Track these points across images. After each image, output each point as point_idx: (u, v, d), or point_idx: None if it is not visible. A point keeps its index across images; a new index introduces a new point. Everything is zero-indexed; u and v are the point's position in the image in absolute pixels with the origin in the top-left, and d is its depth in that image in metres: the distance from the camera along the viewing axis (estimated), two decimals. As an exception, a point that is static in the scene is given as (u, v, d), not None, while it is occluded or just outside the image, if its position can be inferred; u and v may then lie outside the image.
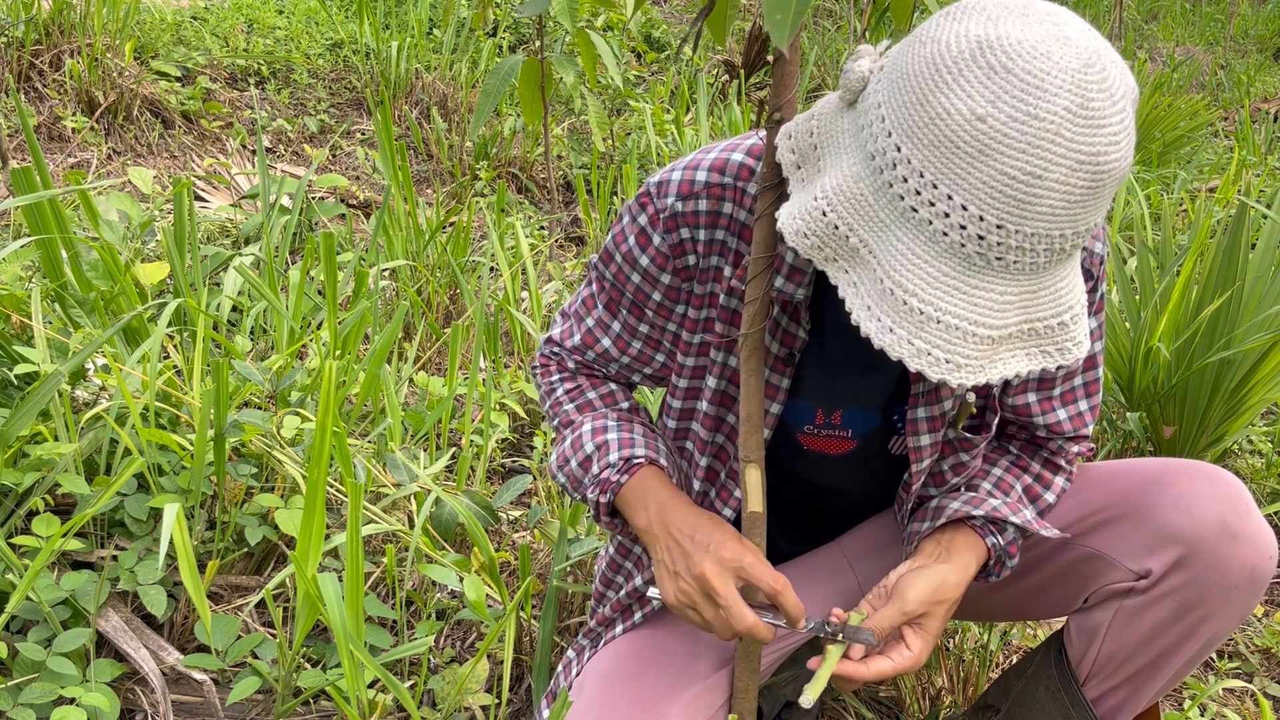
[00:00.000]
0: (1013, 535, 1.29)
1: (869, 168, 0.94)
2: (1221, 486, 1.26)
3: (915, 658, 1.20)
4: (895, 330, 0.93)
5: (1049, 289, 0.95)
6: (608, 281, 1.32)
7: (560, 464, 1.34)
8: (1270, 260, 2.40)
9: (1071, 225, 0.92)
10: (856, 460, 1.36)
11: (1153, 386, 2.42)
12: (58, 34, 3.99)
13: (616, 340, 1.35)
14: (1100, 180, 0.90)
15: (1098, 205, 0.93)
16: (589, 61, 3.08)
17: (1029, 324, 0.96)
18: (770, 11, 0.88)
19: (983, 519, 1.28)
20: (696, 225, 1.22)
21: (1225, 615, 1.27)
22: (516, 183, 4.16)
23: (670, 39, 5.68)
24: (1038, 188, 0.89)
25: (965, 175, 0.89)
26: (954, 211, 0.90)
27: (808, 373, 1.28)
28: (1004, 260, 0.91)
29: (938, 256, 0.92)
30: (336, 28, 5.06)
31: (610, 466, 1.27)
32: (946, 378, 0.93)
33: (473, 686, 1.63)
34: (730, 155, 1.21)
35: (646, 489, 1.25)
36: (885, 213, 0.94)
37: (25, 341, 1.94)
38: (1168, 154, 5.12)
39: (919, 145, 0.90)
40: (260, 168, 2.91)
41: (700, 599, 1.17)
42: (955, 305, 0.92)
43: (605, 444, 1.30)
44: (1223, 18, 9.19)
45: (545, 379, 1.42)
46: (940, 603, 1.22)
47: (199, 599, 1.50)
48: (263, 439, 1.85)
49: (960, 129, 0.89)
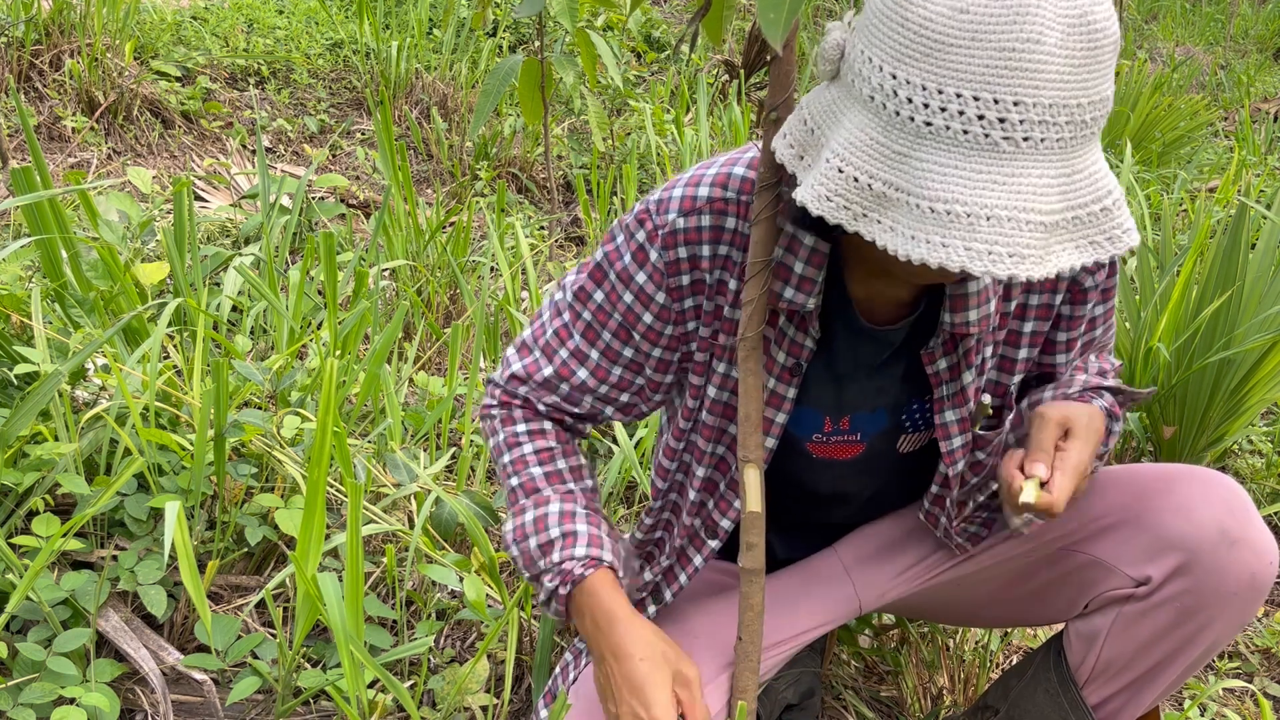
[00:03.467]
0: (1111, 400, 1.29)
1: (870, 109, 0.95)
2: (1221, 493, 1.26)
3: (1074, 458, 1.16)
4: (949, 243, 0.92)
5: (1083, 173, 0.96)
6: (593, 304, 1.28)
7: (517, 537, 1.30)
8: (1270, 260, 2.40)
9: (1084, 92, 0.93)
10: (865, 463, 1.36)
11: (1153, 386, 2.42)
12: (58, 34, 3.99)
13: (595, 370, 1.29)
14: (1096, 40, 0.92)
15: (1102, 71, 0.94)
16: (589, 61, 3.08)
17: (1072, 212, 0.95)
18: (764, 11, 0.88)
19: (1079, 390, 1.28)
20: (699, 242, 1.20)
21: (1225, 622, 1.26)
22: (516, 183, 4.16)
23: (670, 39, 5.68)
24: (1038, 53, 0.90)
25: (966, 66, 0.91)
26: (967, 106, 0.91)
27: (814, 381, 1.27)
28: (1031, 139, 0.92)
29: (966, 157, 0.92)
30: (336, 28, 5.06)
31: (575, 560, 1.25)
32: (1014, 271, 0.92)
33: (472, 686, 1.63)
34: (732, 170, 1.20)
35: (598, 596, 1.23)
36: (901, 143, 0.94)
37: (25, 341, 1.94)
38: (1168, 154, 5.12)
39: (913, 61, 0.92)
40: (260, 168, 2.91)
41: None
42: (999, 197, 0.92)
43: (573, 534, 1.27)
44: (1223, 18, 9.18)
45: (508, 428, 1.34)
46: (1077, 423, 1.18)
47: (199, 599, 1.50)
48: (263, 439, 1.85)
49: (946, 27, 0.91)
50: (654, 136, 3.86)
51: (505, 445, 1.34)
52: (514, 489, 1.33)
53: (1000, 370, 1.29)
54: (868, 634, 1.84)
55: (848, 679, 1.81)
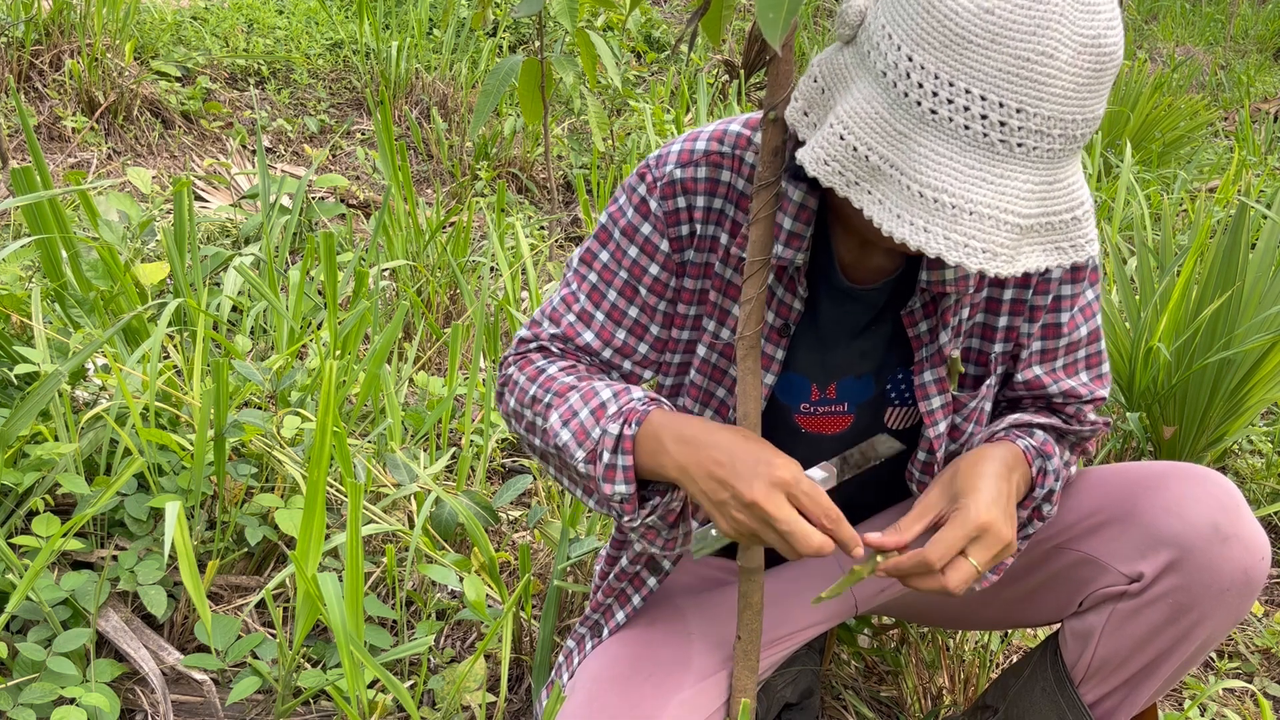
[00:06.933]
0: (1043, 436, 1.29)
1: (881, 85, 0.99)
2: (1212, 489, 1.26)
3: (967, 515, 1.11)
4: (930, 229, 0.97)
5: (1062, 183, 1.01)
6: (599, 264, 1.28)
7: (565, 418, 1.20)
8: (1270, 260, 2.40)
9: (1080, 110, 0.97)
10: (854, 440, 1.36)
11: (1153, 386, 2.42)
12: (58, 34, 3.99)
13: (600, 330, 1.28)
14: (1103, 64, 0.97)
15: (1101, 92, 0.99)
16: (589, 61, 3.08)
17: (1046, 218, 1.00)
18: (763, 10, 0.89)
19: (1005, 428, 1.29)
20: (695, 192, 1.23)
21: (1219, 618, 1.26)
22: (516, 183, 4.16)
23: (670, 39, 5.68)
24: (1049, 67, 0.94)
25: (980, 65, 0.95)
26: (974, 104, 0.95)
27: (801, 344, 1.29)
28: (1024, 146, 0.97)
29: (962, 151, 0.97)
30: (336, 28, 5.06)
31: (634, 400, 1.17)
32: (984, 266, 0.97)
33: (471, 685, 1.63)
34: (728, 126, 1.24)
35: (671, 424, 1.14)
36: (904, 123, 0.98)
37: (25, 341, 1.94)
38: (1168, 154, 5.12)
39: (931, 49, 0.96)
40: (260, 168, 2.91)
41: (759, 526, 1.08)
42: (985, 195, 0.97)
43: (626, 390, 1.19)
44: (1223, 18, 9.18)
45: (526, 366, 1.29)
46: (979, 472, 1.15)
47: (199, 599, 1.50)
48: (263, 439, 1.85)
49: (969, 23, 0.94)
50: (654, 136, 3.86)
51: (528, 380, 1.27)
52: (547, 406, 1.22)
53: (982, 339, 1.30)
54: (867, 634, 1.84)
55: (848, 679, 1.82)
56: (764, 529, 1.08)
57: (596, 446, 1.16)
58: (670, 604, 1.42)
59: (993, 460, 1.19)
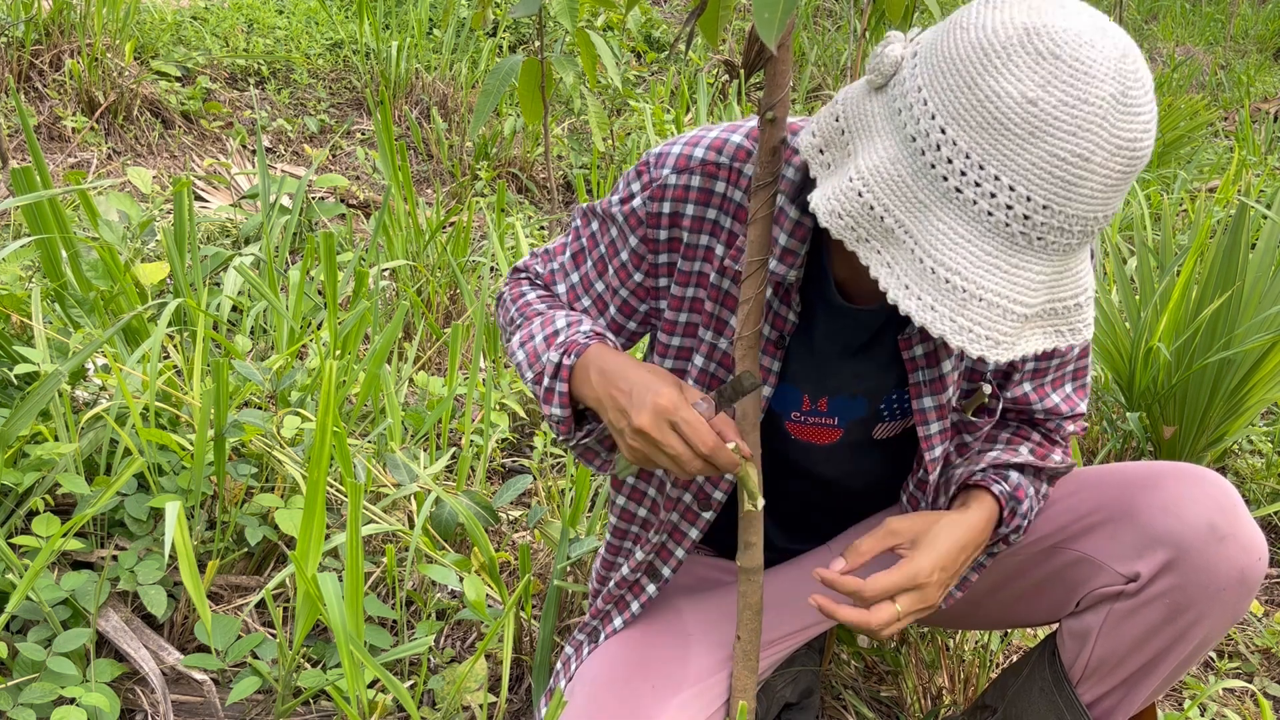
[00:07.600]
0: (1017, 480, 1.29)
1: (908, 149, 0.96)
2: (1209, 489, 1.26)
3: (914, 566, 1.17)
4: (937, 308, 0.95)
5: (1072, 271, 1.00)
6: (586, 233, 1.36)
7: (523, 340, 1.31)
8: (1270, 260, 2.40)
9: (1104, 209, 0.96)
10: (843, 450, 1.36)
11: (1153, 386, 2.42)
12: (58, 34, 3.99)
13: (570, 290, 1.38)
14: (1133, 165, 0.95)
15: (1125, 190, 0.97)
16: (589, 61, 3.08)
17: (1050, 304, 0.99)
18: (759, 10, 0.88)
19: (984, 470, 1.30)
20: (685, 200, 1.23)
21: (1216, 617, 1.27)
22: (516, 183, 4.16)
23: (670, 39, 5.68)
24: (1083, 170, 0.92)
25: (1015, 157, 0.92)
26: (1001, 192, 0.93)
27: (795, 357, 1.29)
28: (1044, 240, 0.95)
29: (980, 236, 0.95)
30: (336, 28, 5.06)
31: (581, 333, 1.26)
32: (985, 353, 0.96)
33: (472, 685, 1.63)
34: (730, 136, 1.23)
35: (598, 358, 1.21)
36: (926, 194, 0.96)
37: (25, 341, 1.94)
38: (1168, 154, 5.12)
39: (966, 127, 0.93)
40: (260, 168, 2.91)
41: (649, 449, 1.13)
42: (996, 283, 0.95)
43: (579, 322, 1.29)
44: (1223, 18, 9.18)
45: (514, 289, 1.42)
46: (932, 533, 1.20)
47: (199, 599, 1.50)
48: (263, 439, 1.85)
49: (1011, 112, 0.92)
50: (654, 136, 3.86)
51: (511, 302, 1.41)
52: (521, 321, 1.36)
53: (980, 360, 1.30)
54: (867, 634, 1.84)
55: (848, 679, 1.82)
56: (654, 452, 1.13)
57: (542, 370, 1.25)
58: (669, 605, 1.42)
59: (962, 528, 1.23)
